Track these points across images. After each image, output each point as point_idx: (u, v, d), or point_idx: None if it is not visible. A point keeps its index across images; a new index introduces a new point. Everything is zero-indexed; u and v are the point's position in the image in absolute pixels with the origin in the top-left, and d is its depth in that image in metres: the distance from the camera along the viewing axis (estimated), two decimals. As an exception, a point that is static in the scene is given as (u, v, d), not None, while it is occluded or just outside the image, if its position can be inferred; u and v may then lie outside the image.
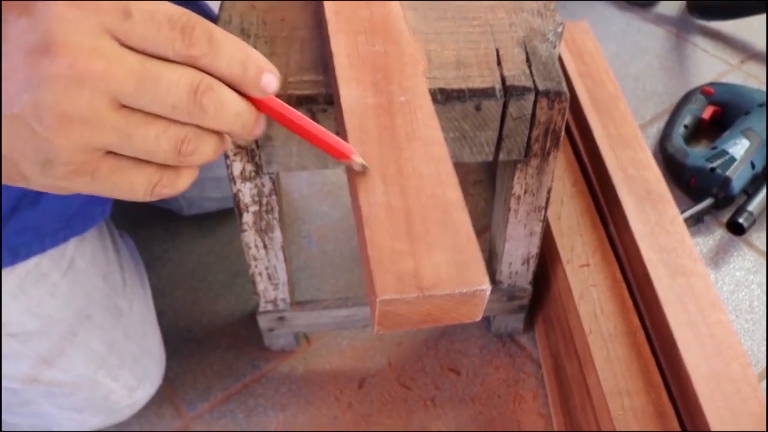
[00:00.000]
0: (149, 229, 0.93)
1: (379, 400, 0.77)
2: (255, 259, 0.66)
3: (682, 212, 0.90)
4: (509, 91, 0.53)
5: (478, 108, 0.53)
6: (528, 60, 0.55)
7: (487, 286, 0.35)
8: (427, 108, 0.44)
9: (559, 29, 0.58)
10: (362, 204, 0.38)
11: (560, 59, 0.89)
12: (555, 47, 0.57)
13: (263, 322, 0.75)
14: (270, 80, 0.33)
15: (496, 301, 0.75)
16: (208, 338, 0.83)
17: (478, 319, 0.37)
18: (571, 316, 0.69)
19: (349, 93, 0.45)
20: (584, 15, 1.24)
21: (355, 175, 0.39)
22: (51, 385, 0.63)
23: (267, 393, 0.78)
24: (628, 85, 1.12)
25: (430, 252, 0.36)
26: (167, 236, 0.93)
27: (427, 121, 0.43)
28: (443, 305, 0.35)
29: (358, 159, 0.39)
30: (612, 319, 0.67)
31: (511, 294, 0.74)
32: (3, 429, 0.72)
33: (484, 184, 0.99)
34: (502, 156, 0.57)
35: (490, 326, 0.82)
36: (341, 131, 0.44)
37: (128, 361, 0.67)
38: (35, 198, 0.54)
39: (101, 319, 0.63)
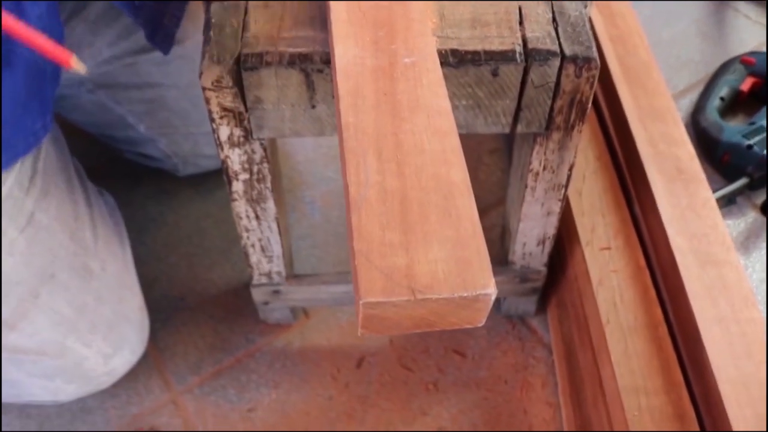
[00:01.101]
0: (144, 190, 0.88)
1: (378, 381, 0.73)
2: (247, 230, 0.61)
3: (714, 192, 0.83)
4: (531, 55, 0.46)
5: (494, 73, 0.47)
6: (554, 20, 0.48)
7: (492, 290, 0.29)
8: (434, 72, 0.38)
9: (592, -14, 0.52)
10: (351, 183, 0.32)
11: (590, 21, 0.82)
12: (586, 7, 0.51)
13: (257, 295, 0.70)
14: None
15: (507, 283, 0.70)
16: (202, 308, 0.79)
17: (482, 324, 0.31)
18: (588, 303, 0.64)
19: (345, 52, 0.39)
20: (618, -27, 1.15)
21: (345, 148, 0.34)
22: (15, 352, 0.59)
23: (260, 369, 0.74)
24: (661, 51, 1.04)
25: (426, 245, 0.30)
26: (163, 197, 0.88)
27: (433, 87, 0.37)
28: (439, 309, 0.30)
29: (75, 63, 0.42)
30: (632, 309, 0.61)
31: (523, 276, 0.69)
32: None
33: (502, 153, 0.93)
34: (520, 128, 0.51)
35: (500, 307, 0.77)
36: (335, 96, 0.38)
37: (101, 326, 0.62)
38: None
39: (67, 279, 0.59)
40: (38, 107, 0.54)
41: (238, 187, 0.56)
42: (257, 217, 0.59)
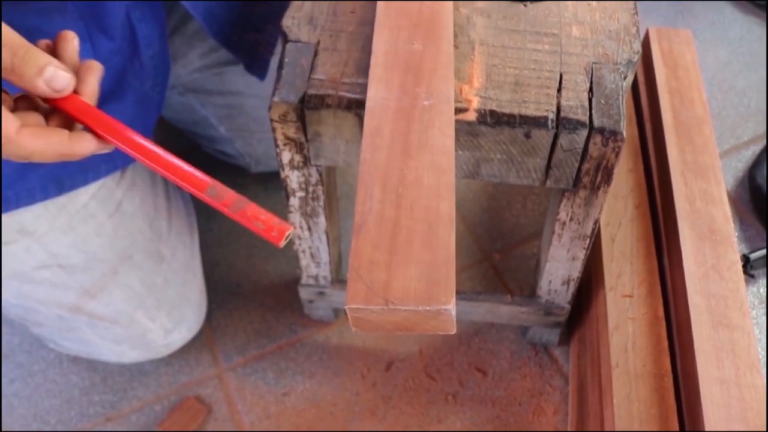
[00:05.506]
0: (218, 179, 0.97)
1: (402, 385, 0.79)
2: (299, 238, 0.68)
3: (754, 251, 0.84)
4: (562, 123, 0.51)
5: (527, 135, 0.52)
6: (591, 90, 0.53)
7: (451, 307, 0.35)
8: (447, 114, 0.45)
9: (635, 58, 0.55)
10: (357, 211, 0.39)
11: (651, 71, 0.85)
12: (625, 78, 0.55)
13: (304, 293, 0.78)
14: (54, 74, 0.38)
15: (533, 314, 0.74)
16: (254, 295, 0.87)
17: (453, 332, 0.37)
18: (603, 344, 0.68)
19: (375, 94, 0.46)
20: (702, 16, 1.16)
21: (359, 180, 0.41)
22: (93, 317, 0.69)
23: (299, 358, 0.82)
24: (731, 99, 1.05)
25: (406, 265, 0.37)
26: (234, 189, 0.97)
27: (443, 128, 0.44)
28: (410, 317, 0.36)
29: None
30: (642, 357, 0.65)
31: (547, 309, 0.73)
32: (56, 350, 0.79)
33: (552, 186, 0.96)
34: (549, 183, 0.56)
35: (526, 333, 0.81)
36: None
37: (166, 304, 0.71)
38: None
39: (142, 261, 0.68)
40: (140, 130, 0.63)
41: (294, 202, 0.63)
42: (309, 229, 0.66)
